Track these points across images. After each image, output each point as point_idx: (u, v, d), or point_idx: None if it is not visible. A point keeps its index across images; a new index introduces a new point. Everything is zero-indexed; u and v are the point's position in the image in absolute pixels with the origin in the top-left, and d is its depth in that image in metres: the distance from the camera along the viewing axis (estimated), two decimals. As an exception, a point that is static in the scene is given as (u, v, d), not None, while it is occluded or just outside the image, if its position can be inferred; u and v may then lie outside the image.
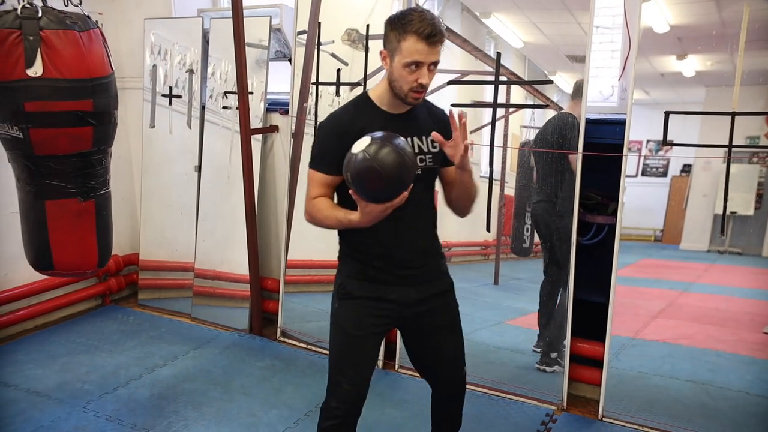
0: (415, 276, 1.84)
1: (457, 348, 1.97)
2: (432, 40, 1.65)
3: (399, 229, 1.78)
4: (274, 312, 3.51)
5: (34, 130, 2.17)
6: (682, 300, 4.46)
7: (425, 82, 1.70)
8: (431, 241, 1.91)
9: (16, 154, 2.27)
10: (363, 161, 1.57)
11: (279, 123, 3.53)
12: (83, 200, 2.37)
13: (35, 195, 2.32)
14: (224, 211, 3.63)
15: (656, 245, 5.40)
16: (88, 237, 2.44)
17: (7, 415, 2.61)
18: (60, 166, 2.28)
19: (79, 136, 2.26)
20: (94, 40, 2.26)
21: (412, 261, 1.84)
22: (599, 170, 2.74)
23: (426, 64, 1.68)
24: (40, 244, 2.39)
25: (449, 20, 3.65)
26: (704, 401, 2.72)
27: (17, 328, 3.41)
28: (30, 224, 2.39)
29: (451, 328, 1.94)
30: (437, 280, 1.90)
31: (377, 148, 1.58)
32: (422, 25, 1.64)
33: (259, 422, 2.61)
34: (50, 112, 2.16)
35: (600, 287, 2.75)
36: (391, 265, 1.82)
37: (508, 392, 2.86)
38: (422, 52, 1.66)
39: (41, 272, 2.52)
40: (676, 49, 3.58)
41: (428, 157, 1.80)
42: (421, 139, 1.80)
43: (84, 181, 2.35)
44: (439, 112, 1.88)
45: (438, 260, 1.92)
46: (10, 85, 2.11)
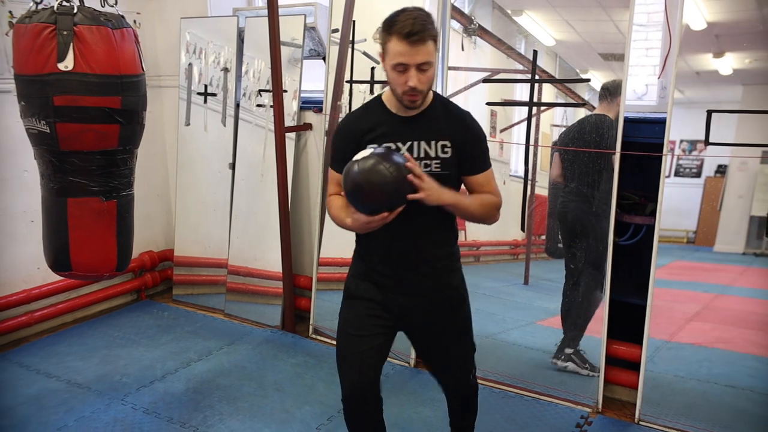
0: (416, 285, 1.81)
1: (461, 359, 1.95)
2: (412, 39, 1.56)
3: (402, 236, 1.76)
4: (306, 309, 3.54)
5: (61, 124, 2.20)
6: (717, 303, 4.36)
7: (413, 85, 1.61)
8: (437, 252, 1.82)
9: (41, 149, 2.30)
10: (354, 173, 1.59)
11: (312, 121, 3.55)
12: (105, 200, 2.37)
13: (57, 192, 2.33)
14: (257, 208, 3.67)
15: (689, 247, 5.28)
16: (107, 238, 2.43)
17: (51, 404, 2.69)
18: (84, 163, 2.29)
19: (105, 133, 2.28)
20: (127, 38, 2.29)
21: (412, 270, 1.80)
22: (636, 170, 2.71)
23: (411, 65, 1.60)
24: (60, 243, 2.39)
25: (480, 18, 3.63)
26: (745, 407, 2.66)
27: (58, 321, 3.51)
28: (51, 222, 2.40)
29: (454, 340, 1.91)
30: (442, 292, 1.85)
31: (371, 163, 1.58)
32: (403, 24, 1.56)
33: (292, 418, 2.64)
34: (78, 106, 2.19)
35: (635, 288, 2.71)
36: (390, 270, 1.80)
37: (542, 393, 2.84)
38: (405, 54, 1.58)
39: (58, 273, 2.51)
40: (712, 46, 3.50)
41: (435, 162, 1.72)
42: (429, 143, 1.72)
43: (107, 180, 2.36)
44: (458, 115, 1.78)
45: (445, 272, 1.84)
46: (41, 78, 2.15)
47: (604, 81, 2.93)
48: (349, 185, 1.62)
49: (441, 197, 1.68)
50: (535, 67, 2.80)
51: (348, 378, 1.84)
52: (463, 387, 2.01)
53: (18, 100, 2.27)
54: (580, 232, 2.90)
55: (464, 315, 1.91)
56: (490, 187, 1.81)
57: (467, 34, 3.23)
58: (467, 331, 1.94)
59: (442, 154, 1.73)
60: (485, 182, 1.80)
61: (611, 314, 2.70)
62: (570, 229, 2.98)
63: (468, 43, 3.25)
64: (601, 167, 2.77)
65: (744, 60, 3.51)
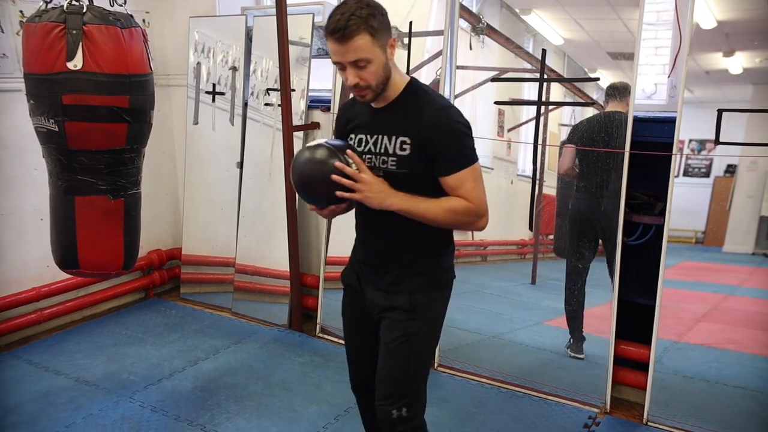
0: (377, 279, 1.74)
1: (387, 376, 1.70)
2: (336, 37, 1.47)
3: (371, 231, 1.76)
4: (313, 308, 3.54)
5: (70, 123, 2.21)
6: (727, 304, 4.32)
7: (353, 83, 1.53)
8: (403, 252, 1.71)
9: (50, 148, 2.31)
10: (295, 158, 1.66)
11: (320, 120, 3.55)
12: (113, 198, 2.38)
13: (65, 190, 2.34)
14: (265, 207, 3.67)
15: (698, 247, 5.25)
16: (115, 236, 2.44)
17: (60, 402, 2.70)
18: (92, 162, 2.30)
19: (113, 132, 2.29)
20: (135, 38, 2.30)
21: (376, 265, 1.75)
22: (645, 169, 2.69)
23: (346, 63, 1.51)
24: (67, 241, 2.40)
25: (488, 17, 3.62)
26: (755, 409, 2.64)
27: (67, 319, 3.53)
28: (59, 220, 2.41)
29: (388, 350, 1.70)
30: (394, 294, 1.69)
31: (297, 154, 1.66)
32: (331, 20, 1.48)
33: (299, 417, 2.64)
34: (87, 105, 2.20)
35: (644, 289, 2.70)
36: (363, 259, 1.80)
37: (550, 393, 2.83)
38: (335, 52, 1.50)
39: (66, 271, 2.52)
40: (722, 45, 3.47)
41: (391, 159, 1.60)
42: (390, 138, 1.60)
43: (115, 178, 2.37)
44: (426, 108, 1.59)
45: (401, 274, 1.70)
46: (51, 77, 2.16)
47: (612, 80, 2.92)
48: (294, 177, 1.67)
49: (385, 200, 1.57)
50: (543, 66, 2.79)
51: (350, 372, 1.96)
52: (384, 417, 1.69)
53: (27, 98, 2.28)
54: (589, 231, 2.89)
55: (408, 327, 1.68)
56: (463, 191, 1.58)
57: (475, 33, 3.22)
58: (403, 346, 1.68)
59: (400, 152, 1.59)
60: (457, 185, 1.58)
61: (620, 314, 2.69)
62: (579, 229, 2.97)
63: (476, 42, 3.24)
64: (610, 167, 2.76)
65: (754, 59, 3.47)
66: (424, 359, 1.75)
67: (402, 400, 1.67)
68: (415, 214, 1.59)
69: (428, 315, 1.72)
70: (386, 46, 1.55)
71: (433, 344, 1.85)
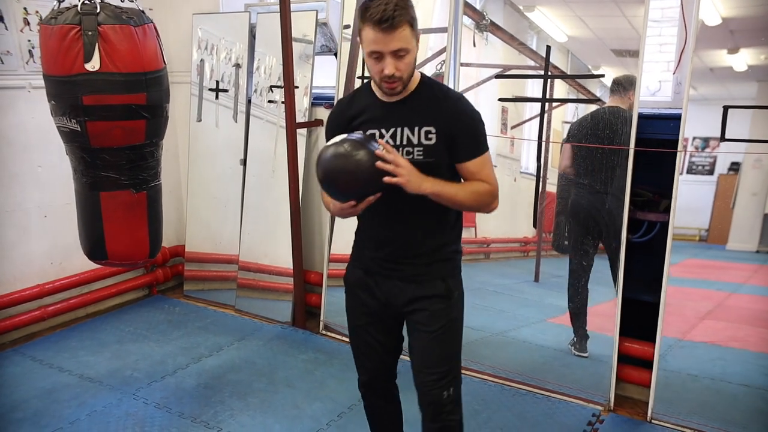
0: (401, 272, 1.76)
1: (436, 362, 1.76)
2: (383, 26, 1.49)
3: (390, 221, 1.73)
4: (316, 305, 3.54)
5: (91, 122, 2.24)
6: (731, 301, 4.31)
7: (389, 72, 1.55)
8: (427, 239, 1.75)
9: (73, 146, 2.35)
10: (321, 160, 1.58)
11: (324, 117, 3.55)
12: (136, 192, 2.44)
13: (90, 186, 2.39)
14: (268, 204, 3.67)
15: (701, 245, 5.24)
16: (140, 228, 2.51)
17: (64, 398, 2.71)
18: (114, 159, 2.35)
19: (133, 128, 2.33)
20: (149, 34, 2.33)
21: (399, 256, 1.75)
22: (650, 166, 2.68)
23: (386, 53, 1.54)
24: (95, 235, 2.47)
25: (492, 14, 3.61)
26: (760, 407, 2.63)
27: (71, 316, 3.53)
28: (85, 215, 2.47)
29: (435, 338, 1.75)
30: (428, 282, 1.75)
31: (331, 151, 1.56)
32: (374, 11, 1.50)
33: (303, 414, 2.64)
34: (106, 105, 2.24)
35: (648, 286, 2.69)
36: (380, 255, 1.78)
37: (553, 390, 2.82)
38: (378, 41, 1.52)
39: (96, 262, 2.60)
40: (727, 42, 3.46)
41: (417, 149, 1.64)
42: (412, 130, 1.64)
43: (137, 173, 2.42)
44: (445, 99, 1.68)
45: (431, 262, 1.75)
46: (70, 79, 2.19)
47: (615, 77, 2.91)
48: (318, 172, 1.60)
49: (421, 186, 1.59)
50: (548, 63, 2.78)
51: (359, 374, 1.96)
52: (436, 400, 1.76)
53: (48, 99, 2.32)
54: (593, 228, 2.88)
55: (447, 313, 1.76)
56: (483, 175, 1.68)
57: (479, 30, 3.21)
58: (449, 332, 1.77)
59: (426, 141, 1.64)
60: (477, 169, 1.68)
61: (624, 312, 2.68)
62: (583, 226, 2.96)
63: (480, 39, 3.23)
64: (615, 163, 2.75)
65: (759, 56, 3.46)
66: (461, 341, 1.84)
67: (452, 382, 1.78)
68: (445, 196, 1.63)
69: (460, 298, 1.82)
70: (418, 39, 1.61)
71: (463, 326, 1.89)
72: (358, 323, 1.88)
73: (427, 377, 1.76)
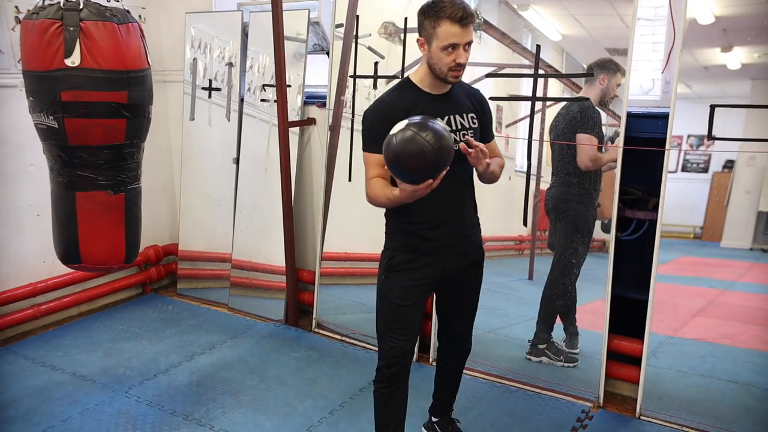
0: (459, 247, 2.03)
1: (473, 315, 2.23)
2: (465, 23, 1.79)
3: (446, 203, 1.95)
4: (309, 303, 3.55)
5: (69, 119, 2.22)
6: (723, 299, 4.32)
7: (463, 61, 1.84)
8: (473, 213, 2.09)
9: (50, 144, 2.32)
10: (395, 144, 1.67)
11: (316, 116, 3.56)
12: (113, 193, 2.40)
13: (66, 186, 2.36)
14: (261, 202, 3.68)
15: (696, 242, 5.25)
16: (116, 231, 2.46)
17: (56, 396, 2.72)
18: (92, 158, 2.31)
19: (112, 127, 2.30)
20: (132, 33, 2.30)
21: (458, 233, 2.01)
22: (639, 165, 2.69)
23: (461, 44, 1.81)
24: (69, 237, 2.42)
25: (486, 13, 3.61)
26: (748, 403, 2.65)
27: (63, 314, 3.54)
28: (60, 216, 2.43)
29: (474, 297, 2.19)
30: (475, 251, 2.10)
31: (410, 133, 1.66)
32: (454, 9, 1.77)
33: (294, 411, 2.65)
34: (85, 101, 2.21)
35: (638, 284, 2.71)
36: (438, 237, 1.98)
37: (544, 388, 2.84)
38: (457, 35, 1.79)
39: (69, 266, 2.54)
40: (721, 41, 3.47)
41: (470, 132, 1.96)
42: (462, 116, 1.96)
43: (115, 173, 2.38)
44: (475, 92, 2.08)
45: (478, 232, 2.12)
46: (49, 74, 2.17)
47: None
48: (390, 156, 1.69)
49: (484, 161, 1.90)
50: (538, 62, 2.79)
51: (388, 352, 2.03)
52: (468, 342, 2.27)
53: (26, 95, 2.29)
54: (582, 227, 2.89)
55: (482, 275, 2.18)
56: (498, 151, 2.12)
57: (473, 29, 3.22)
58: (478, 298, 2.21)
59: (473, 125, 1.98)
60: (494, 146, 2.12)
61: (614, 309, 2.70)
62: (572, 225, 2.97)
63: (473, 37, 3.24)
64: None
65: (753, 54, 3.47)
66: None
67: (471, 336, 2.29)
68: (491, 173, 1.95)
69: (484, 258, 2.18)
70: None
71: None
72: (403, 303, 2.00)
73: (463, 336, 2.25)
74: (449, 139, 1.70)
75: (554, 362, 2.91)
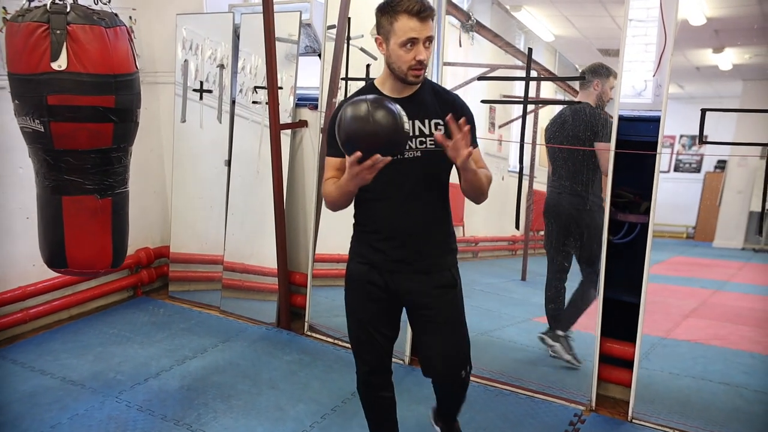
0: (418, 264, 1.87)
1: (453, 348, 1.94)
2: (422, 16, 1.69)
3: (402, 212, 1.83)
4: (301, 306, 3.54)
5: (55, 123, 2.19)
6: (715, 299, 4.34)
7: (422, 58, 1.73)
8: (433, 229, 1.88)
9: (36, 148, 2.29)
10: (344, 107, 1.64)
11: (308, 118, 3.54)
12: (100, 198, 2.37)
13: (52, 190, 2.33)
14: (253, 205, 3.67)
15: (688, 242, 5.27)
16: (103, 235, 2.43)
17: (46, 402, 2.69)
18: (79, 162, 2.28)
19: (99, 131, 2.27)
20: (120, 37, 2.28)
21: (416, 248, 1.86)
22: (631, 168, 2.69)
23: (421, 40, 1.71)
24: (55, 241, 2.39)
25: (479, 14, 3.61)
26: (738, 405, 2.66)
27: (53, 318, 3.51)
28: (46, 220, 2.40)
29: (448, 326, 1.92)
30: (437, 273, 1.89)
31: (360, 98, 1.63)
32: (411, 2, 1.69)
33: (286, 416, 2.64)
34: (72, 105, 2.18)
35: (629, 286, 2.71)
36: (389, 249, 1.86)
37: (536, 391, 2.84)
38: (415, 29, 1.70)
39: (55, 270, 2.51)
40: (712, 42, 3.48)
41: (429, 139, 1.80)
42: (423, 122, 1.80)
43: (102, 178, 2.35)
44: (446, 95, 1.90)
45: (440, 253, 1.90)
46: (35, 77, 2.14)
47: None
48: (334, 121, 1.66)
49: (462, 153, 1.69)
50: (530, 65, 2.78)
51: (360, 367, 2.02)
52: (453, 381, 1.99)
53: (12, 98, 2.27)
54: (574, 230, 2.89)
55: (455, 301, 1.93)
56: (483, 163, 1.90)
57: (465, 30, 3.21)
58: (458, 320, 1.95)
59: (436, 131, 1.80)
60: (477, 158, 1.86)
61: (605, 312, 2.70)
62: (565, 227, 2.98)
63: (466, 38, 3.23)
64: (595, 165, 2.76)
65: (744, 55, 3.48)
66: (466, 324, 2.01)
67: (467, 361, 1.99)
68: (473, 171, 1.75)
69: (461, 286, 1.96)
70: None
71: None
72: (362, 317, 1.94)
73: (447, 362, 1.94)
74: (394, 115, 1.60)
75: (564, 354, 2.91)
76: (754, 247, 4.69)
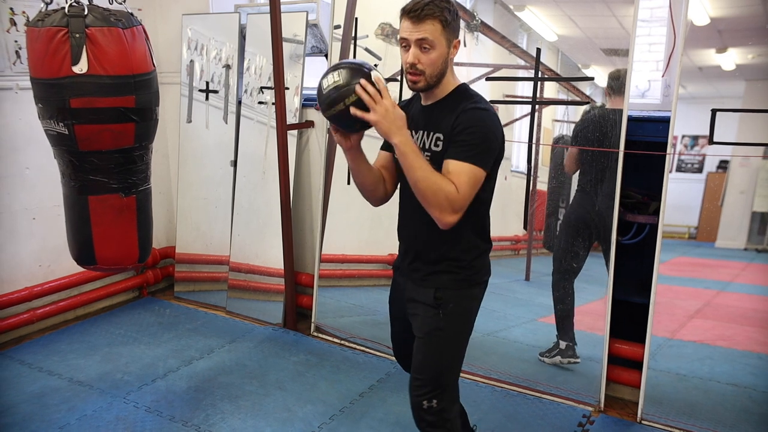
0: (411, 274, 1.82)
1: (417, 370, 1.77)
2: (412, 15, 1.58)
3: (404, 220, 1.84)
4: (308, 307, 3.54)
5: (79, 126, 2.22)
6: (719, 300, 4.34)
7: (411, 61, 1.61)
8: (431, 250, 1.76)
9: (61, 150, 2.33)
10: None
11: (314, 118, 3.54)
12: (125, 196, 2.41)
13: (79, 190, 2.37)
14: (259, 205, 3.66)
15: (690, 243, 5.28)
16: (129, 232, 2.49)
17: (54, 402, 2.69)
18: (103, 162, 2.33)
19: (121, 132, 2.31)
20: (137, 37, 2.30)
21: (411, 258, 1.82)
22: (639, 168, 2.69)
23: (411, 41, 1.60)
24: (84, 239, 2.44)
25: (482, 14, 3.61)
26: (747, 406, 2.66)
27: (60, 318, 3.51)
28: (74, 219, 2.45)
29: (422, 342, 1.77)
30: (421, 288, 1.77)
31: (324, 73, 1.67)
32: (408, 3, 1.61)
33: (294, 417, 2.64)
34: (94, 108, 2.21)
35: (638, 287, 2.71)
36: (401, 249, 1.89)
37: (544, 392, 2.84)
38: (406, 29, 1.60)
39: (84, 267, 2.57)
40: (716, 42, 3.49)
41: (426, 154, 1.67)
42: (428, 135, 1.70)
43: (126, 176, 2.40)
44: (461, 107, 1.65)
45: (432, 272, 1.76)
46: (57, 81, 2.17)
47: (604, 76, 2.91)
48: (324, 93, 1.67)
49: (393, 133, 1.56)
50: (538, 65, 2.78)
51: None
52: (416, 405, 1.77)
53: (35, 102, 2.29)
54: (583, 230, 2.89)
55: (436, 324, 1.74)
56: (457, 180, 1.58)
57: (469, 30, 3.22)
58: (432, 344, 1.75)
59: (434, 147, 1.68)
60: (455, 172, 1.59)
61: (614, 313, 2.70)
62: (574, 228, 2.97)
63: (470, 38, 3.23)
64: (604, 165, 2.76)
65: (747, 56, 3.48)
66: (453, 355, 1.79)
67: (432, 392, 1.74)
68: (408, 160, 1.58)
69: (454, 312, 1.75)
70: (451, 43, 1.65)
71: (462, 341, 1.81)
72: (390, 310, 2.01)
73: (411, 381, 1.79)
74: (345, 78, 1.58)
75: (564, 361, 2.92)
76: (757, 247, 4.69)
